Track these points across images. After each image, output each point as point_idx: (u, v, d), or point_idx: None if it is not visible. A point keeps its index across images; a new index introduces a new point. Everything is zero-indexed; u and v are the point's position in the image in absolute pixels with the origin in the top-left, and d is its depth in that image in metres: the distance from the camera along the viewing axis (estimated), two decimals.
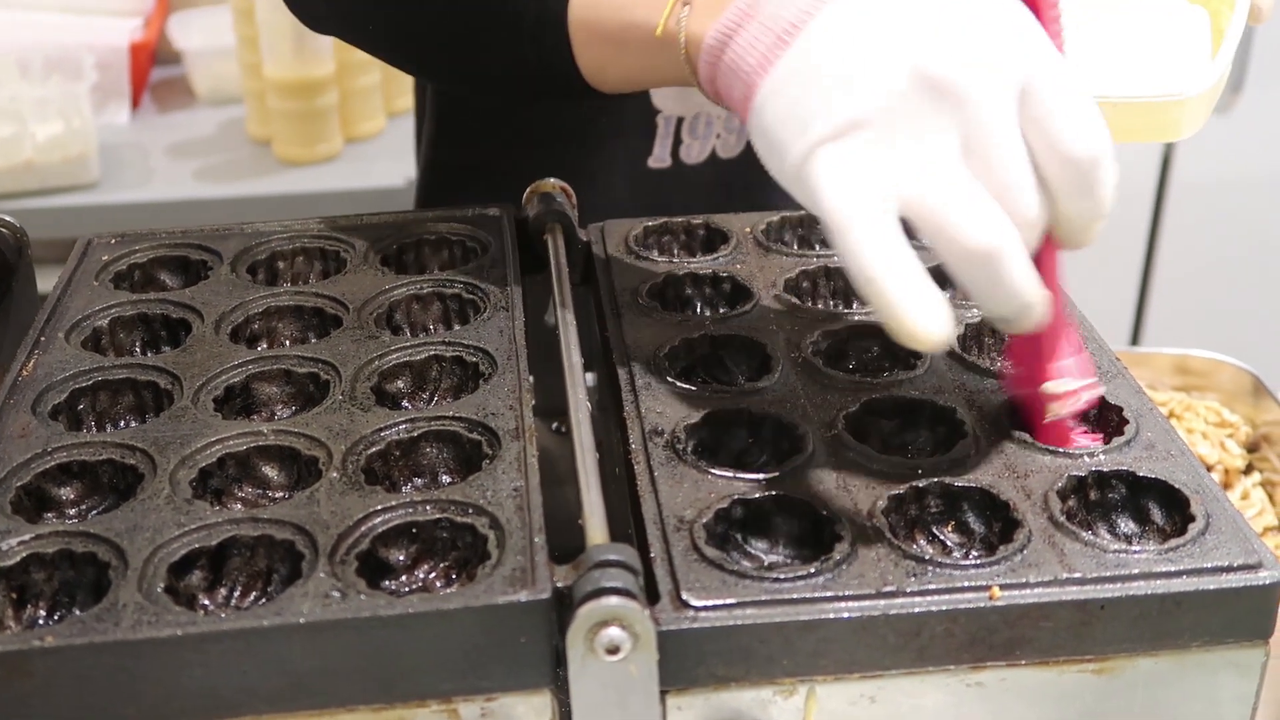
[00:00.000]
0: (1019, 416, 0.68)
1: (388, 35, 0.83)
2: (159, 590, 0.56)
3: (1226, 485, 1.06)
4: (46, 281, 0.83)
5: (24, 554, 0.59)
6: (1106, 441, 0.67)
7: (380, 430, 0.66)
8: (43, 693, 0.54)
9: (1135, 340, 2.32)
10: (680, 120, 1.05)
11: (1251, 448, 1.09)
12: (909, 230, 0.58)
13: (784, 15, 0.61)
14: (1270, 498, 1.05)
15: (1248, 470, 1.08)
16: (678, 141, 1.06)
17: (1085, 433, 0.68)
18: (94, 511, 0.64)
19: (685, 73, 0.69)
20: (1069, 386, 0.66)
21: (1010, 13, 0.59)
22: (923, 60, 0.57)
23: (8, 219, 0.83)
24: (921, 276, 0.56)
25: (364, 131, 1.97)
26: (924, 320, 0.56)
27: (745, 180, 1.07)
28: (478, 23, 0.77)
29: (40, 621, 0.59)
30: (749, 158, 1.07)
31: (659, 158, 1.06)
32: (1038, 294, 0.58)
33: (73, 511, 0.65)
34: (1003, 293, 0.57)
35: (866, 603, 0.57)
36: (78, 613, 0.56)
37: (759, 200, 0.97)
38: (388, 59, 0.89)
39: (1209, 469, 1.07)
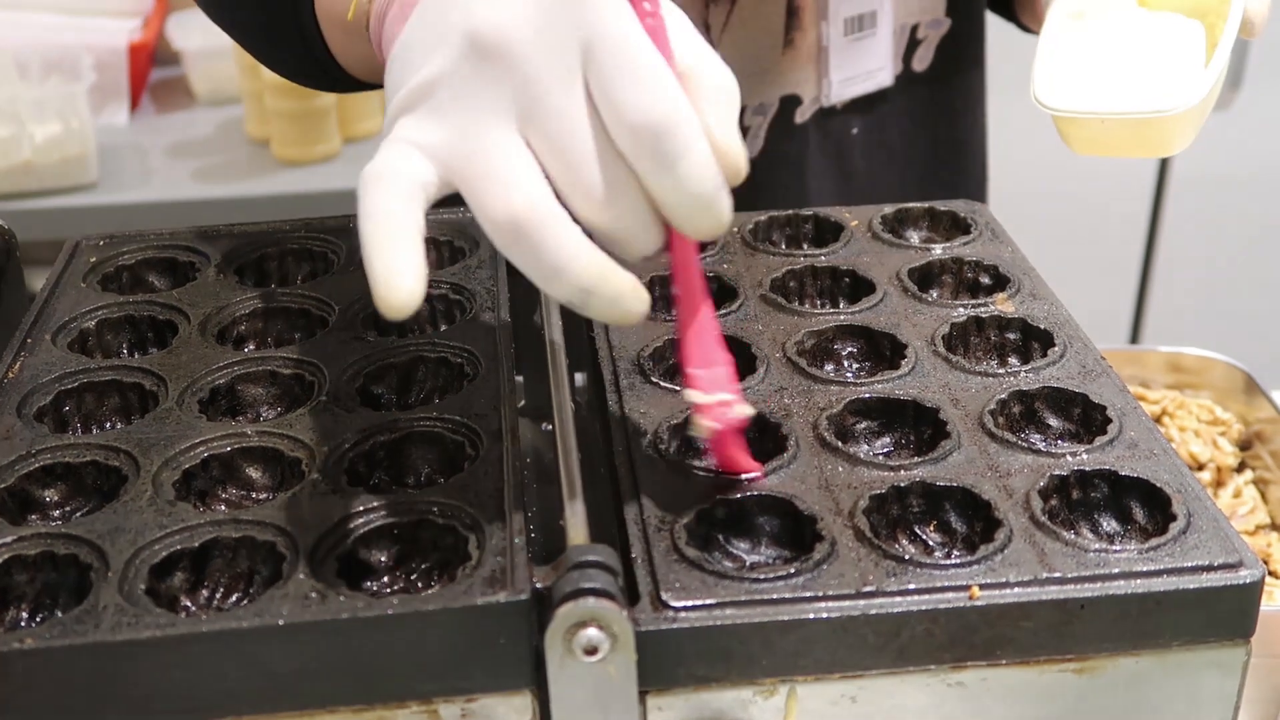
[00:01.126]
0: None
1: (222, 26, 0.94)
2: (140, 592, 0.57)
3: (1219, 483, 1.06)
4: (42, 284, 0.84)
5: (6, 556, 0.59)
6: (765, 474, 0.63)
7: (364, 431, 0.66)
8: (22, 695, 0.54)
9: (1134, 338, 2.32)
10: None
11: (1244, 445, 1.09)
12: None
13: None
14: (1262, 495, 1.05)
15: (1240, 468, 1.08)
16: None
17: (739, 454, 0.62)
18: (78, 513, 0.65)
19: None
20: (698, 399, 0.61)
21: None
22: (471, 23, 0.55)
23: None
24: (405, 245, 0.54)
25: (362, 131, 1.97)
26: (388, 285, 0.53)
27: (735, 187, 1.06)
28: (265, 18, 0.85)
29: (23, 624, 0.59)
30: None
31: None
32: (591, 269, 0.54)
33: (56, 514, 0.65)
34: (545, 270, 0.54)
35: (847, 603, 0.57)
36: (59, 615, 0.56)
37: (748, 202, 0.97)
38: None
39: (1201, 467, 1.07)
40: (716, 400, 0.61)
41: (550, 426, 0.79)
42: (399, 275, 0.53)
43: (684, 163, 0.54)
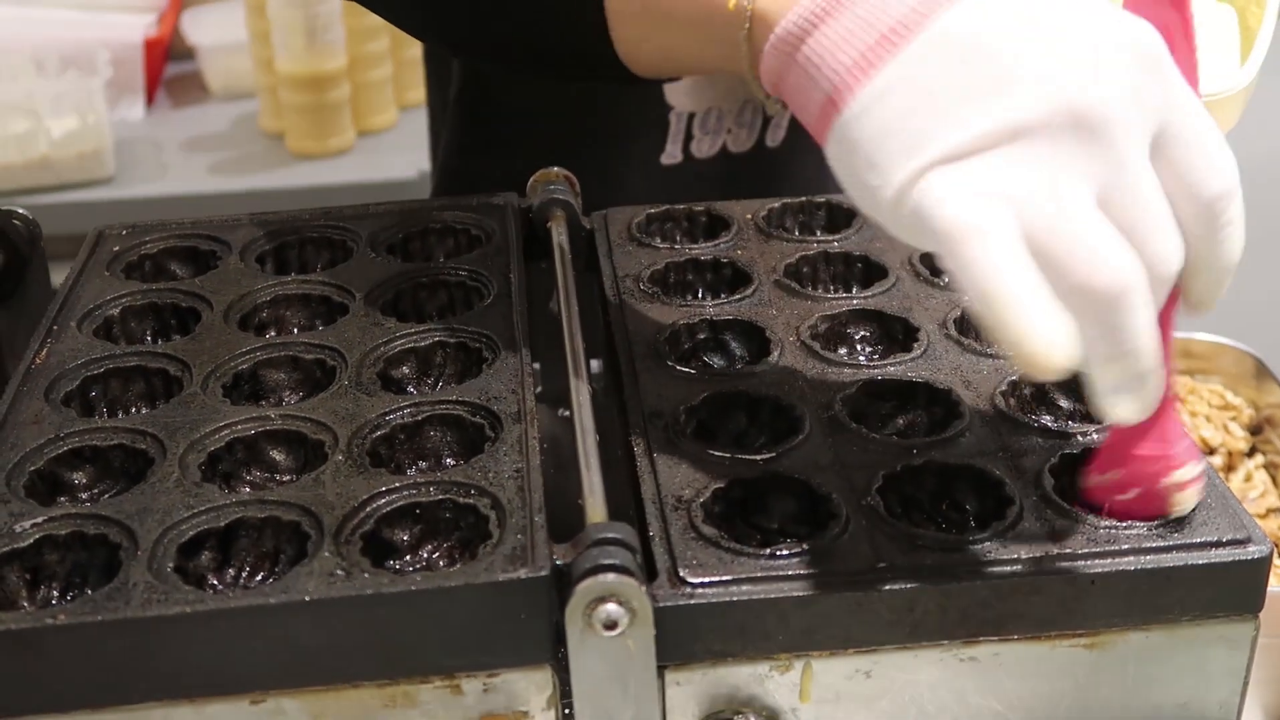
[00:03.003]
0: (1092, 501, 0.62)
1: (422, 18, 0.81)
2: (168, 570, 0.58)
3: (1229, 468, 1.07)
4: (61, 276, 0.85)
5: (37, 536, 0.60)
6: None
7: (385, 414, 0.68)
8: (55, 669, 0.55)
9: None
10: (691, 116, 1.06)
11: (1255, 430, 1.10)
12: None
13: (891, 11, 0.54)
14: (1273, 479, 1.05)
15: (1251, 453, 1.08)
16: (689, 137, 1.06)
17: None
18: (105, 495, 0.66)
19: (738, 57, 0.61)
20: (1195, 472, 0.60)
21: (1150, 45, 0.54)
22: (1069, 89, 0.52)
23: (21, 211, 0.85)
24: (1047, 296, 0.51)
25: (376, 124, 1.98)
26: (1049, 344, 0.50)
27: (755, 175, 1.08)
28: None
29: (53, 601, 0.60)
30: (759, 152, 1.09)
31: (671, 154, 1.06)
32: (1156, 359, 0.53)
33: (84, 495, 0.66)
34: (1122, 347, 0.52)
35: (861, 579, 0.58)
36: (89, 592, 0.58)
37: (769, 193, 0.98)
38: (405, 25, 0.87)
39: (1212, 451, 1.07)
40: (1204, 466, 0.61)
41: (566, 412, 0.80)
42: (1054, 318, 0.51)
43: (1236, 230, 0.55)
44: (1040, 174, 0.52)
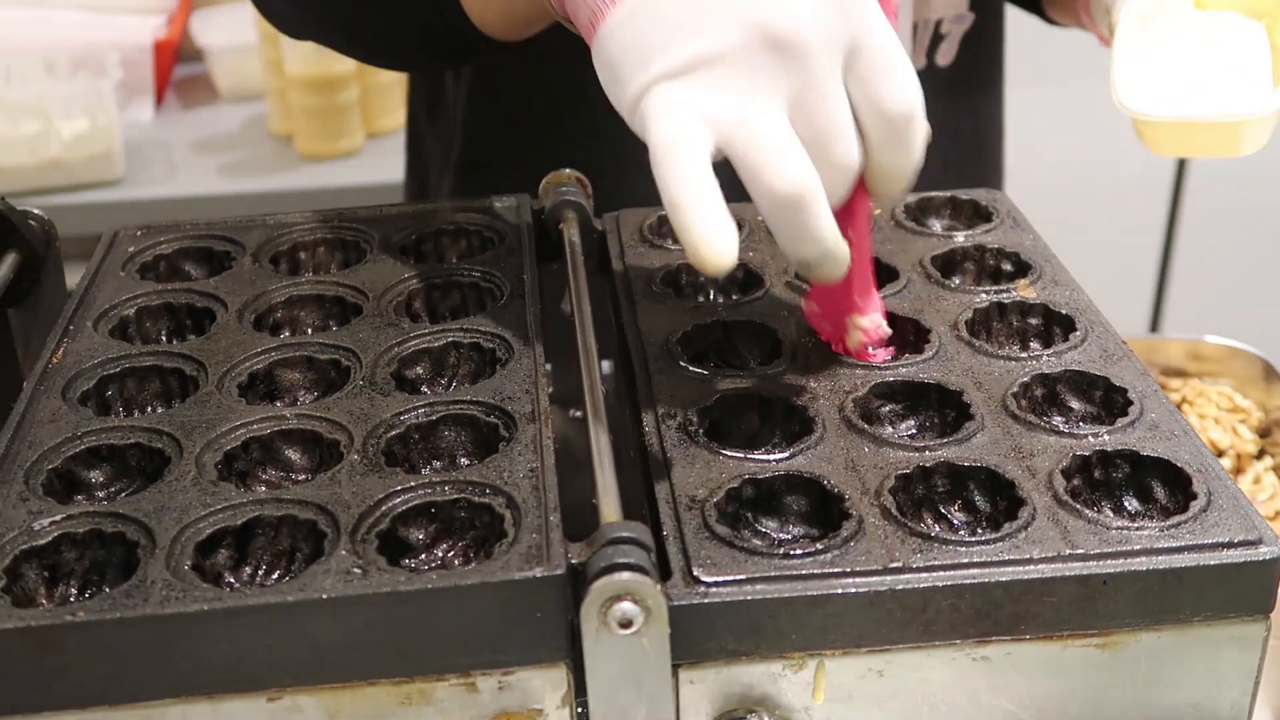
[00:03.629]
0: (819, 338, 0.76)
1: (305, 21, 0.93)
2: (186, 568, 0.58)
3: (1238, 470, 1.07)
4: (73, 277, 0.85)
5: (56, 534, 0.61)
6: (897, 354, 0.74)
7: (400, 414, 0.68)
8: (74, 666, 0.56)
9: (1154, 327, 2.32)
10: None
11: (1263, 433, 1.10)
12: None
13: None
14: None
15: (1260, 455, 1.08)
16: None
17: (881, 347, 0.75)
18: (122, 493, 0.66)
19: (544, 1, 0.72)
20: (875, 321, 0.73)
21: None
22: (766, 15, 0.61)
23: (36, 212, 0.85)
24: (718, 207, 0.60)
25: (385, 126, 1.99)
26: (711, 245, 0.60)
27: None
28: None
29: (72, 599, 0.61)
30: None
31: None
32: (837, 243, 0.64)
33: (102, 493, 0.67)
34: (806, 237, 0.63)
35: (874, 578, 0.59)
36: (108, 590, 0.58)
37: None
38: (321, 41, 0.98)
39: (1221, 454, 1.08)
40: (876, 324, 0.73)
41: (579, 413, 0.81)
42: (719, 235, 0.60)
43: (916, 143, 0.65)
44: (738, 93, 0.62)
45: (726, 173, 0.62)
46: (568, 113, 1.07)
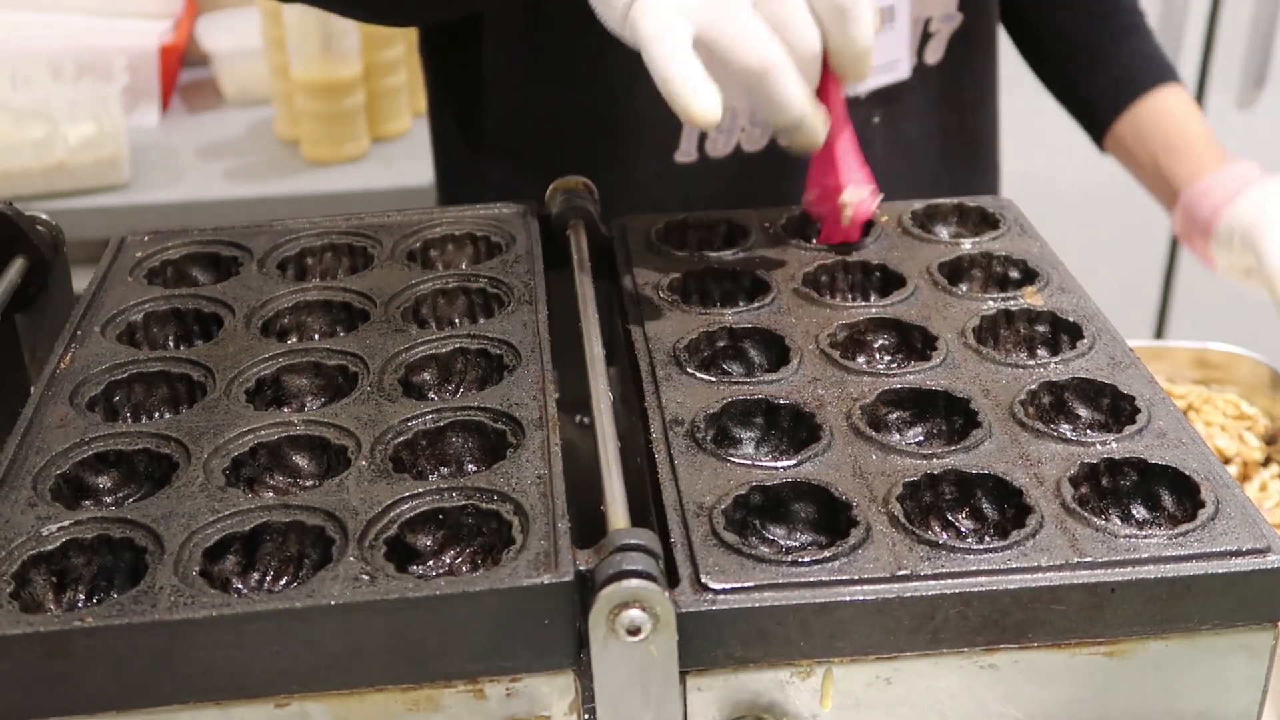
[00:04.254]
0: (814, 230, 0.87)
1: None
2: (194, 574, 0.58)
3: (1245, 477, 1.07)
4: (78, 281, 0.86)
5: (64, 539, 0.61)
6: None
7: (407, 420, 0.68)
8: (82, 671, 0.56)
9: (1160, 334, 2.32)
10: None
11: (1270, 440, 1.10)
12: None
13: None
14: None
15: (1266, 462, 1.08)
16: (703, 136, 1.08)
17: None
18: (130, 499, 0.66)
19: None
20: (861, 193, 0.84)
21: None
22: None
23: (44, 217, 0.85)
24: (700, 76, 0.72)
25: (391, 131, 1.99)
26: (696, 103, 0.72)
27: (768, 173, 1.09)
28: None
29: (80, 604, 0.61)
30: (773, 152, 1.10)
31: (685, 152, 1.08)
32: (809, 108, 0.76)
33: (110, 499, 0.67)
34: (778, 104, 0.75)
35: (882, 586, 0.58)
36: (115, 596, 0.58)
37: (781, 192, 0.99)
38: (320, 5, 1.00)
39: (1227, 461, 1.08)
40: (870, 189, 0.84)
41: (585, 419, 0.81)
42: (705, 95, 0.72)
43: (865, 23, 0.77)
44: None
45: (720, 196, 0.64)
46: (574, 110, 1.07)
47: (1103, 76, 1.21)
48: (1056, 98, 1.26)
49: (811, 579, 0.58)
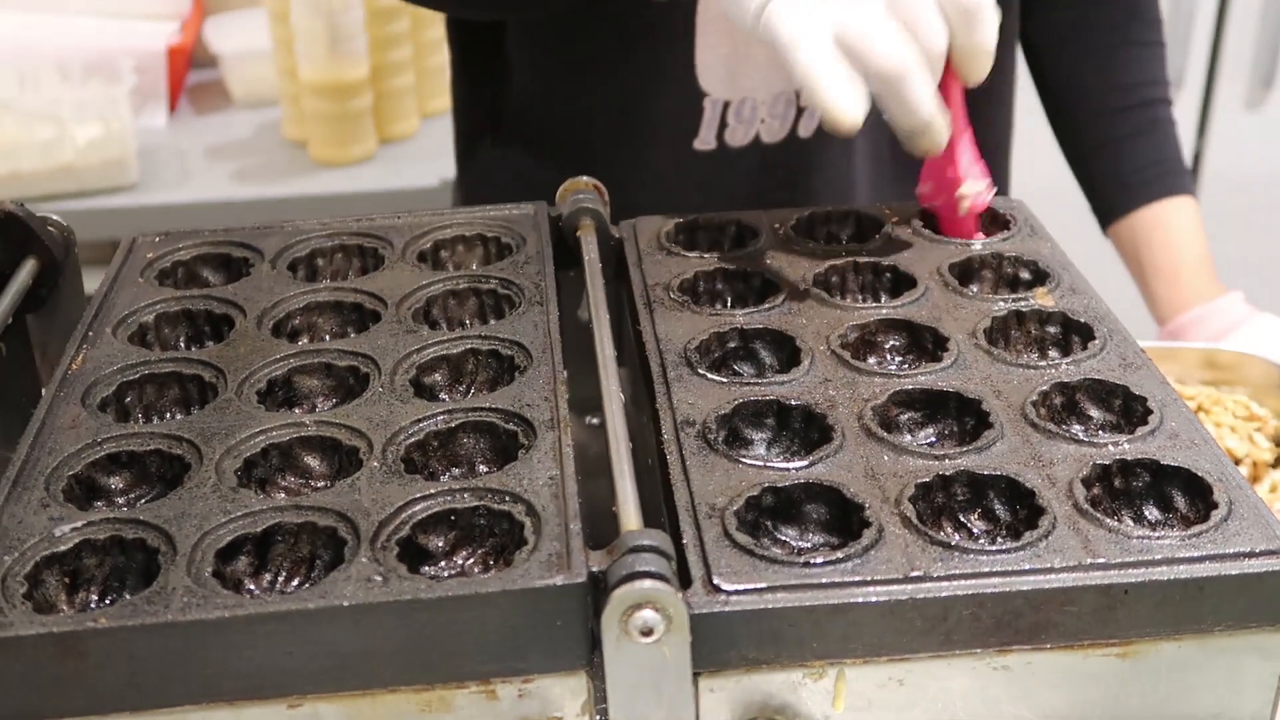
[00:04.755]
0: (933, 222, 0.88)
1: None
2: (207, 574, 0.58)
3: (1255, 478, 1.07)
4: (87, 282, 0.86)
5: (76, 540, 0.61)
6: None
7: (419, 421, 0.68)
8: (95, 672, 0.56)
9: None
10: (726, 105, 1.07)
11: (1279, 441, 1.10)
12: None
13: None
14: None
15: (1276, 463, 1.08)
16: (723, 125, 1.08)
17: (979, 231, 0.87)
18: (142, 500, 0.66)
19: None
20: (978, 186, 0.85)
21: None
22: None
23: (55, 218, 0.85)
24: (846, 79, 0.75)
25: (398, 132, 1.99)
26: (842, 107, 0.74)
27: (787, 164, 1.09)
28: None
29: (92, 605, 0.61)
30: (791, 143, 1.10)
31: (704, 140, 1.08)
32: (936, 113, 0.78)
33: (122, 500, 0.67)
34: (910, 106, 0.76)
35: (894, 587, 0.58)
36: (128, 596, 0.58)
37: (800, 184, 0.99)
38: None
39: (1237, 462, 1.07)
40: (987, 183, 0.86)
41: (595, 420, 0.81)
42: (848, 100, 0.75)
43: (990, 25, 0.79)
44: None
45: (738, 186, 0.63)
46: (592, 98, 1.08)
47: (1112, 175, 1.22)
48: (1068, 163, 1.27)
49: (824, 580, 0.58)
